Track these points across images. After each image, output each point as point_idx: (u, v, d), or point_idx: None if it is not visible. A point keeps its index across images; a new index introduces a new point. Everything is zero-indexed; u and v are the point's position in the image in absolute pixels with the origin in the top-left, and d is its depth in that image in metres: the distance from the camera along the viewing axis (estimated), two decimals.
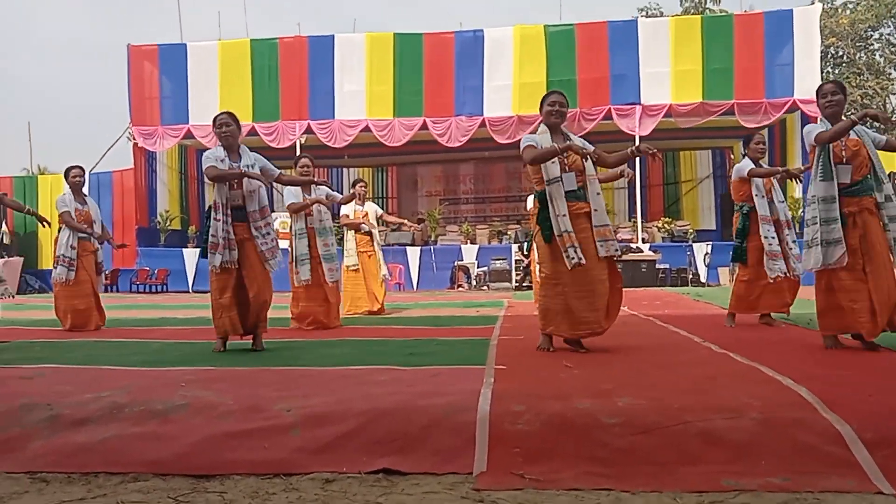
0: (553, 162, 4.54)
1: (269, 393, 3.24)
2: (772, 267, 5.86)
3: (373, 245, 8.37)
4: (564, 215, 4.48)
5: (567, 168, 4.56)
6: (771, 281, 5.90)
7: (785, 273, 5.88)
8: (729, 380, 3.45)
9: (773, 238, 5.89)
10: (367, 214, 8.43)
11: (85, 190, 7.38)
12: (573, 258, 4.41)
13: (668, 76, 16.27)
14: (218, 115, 5.08)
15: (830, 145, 4.36)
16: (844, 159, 4.37)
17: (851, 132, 4.39)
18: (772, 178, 6.08)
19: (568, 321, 4.56)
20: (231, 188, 4.99)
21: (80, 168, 7.18)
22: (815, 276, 4.52)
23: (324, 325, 6.66)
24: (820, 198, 4.36)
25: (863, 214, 4.34)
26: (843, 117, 4.48)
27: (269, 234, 5.08)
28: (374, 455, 2.67)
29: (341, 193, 8.53)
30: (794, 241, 6.02)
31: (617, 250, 4.61)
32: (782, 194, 6.18)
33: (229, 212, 4.97)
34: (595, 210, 4.58)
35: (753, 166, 6.04)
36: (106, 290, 16.20)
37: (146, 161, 18.36)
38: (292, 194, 6.77)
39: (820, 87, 4.61)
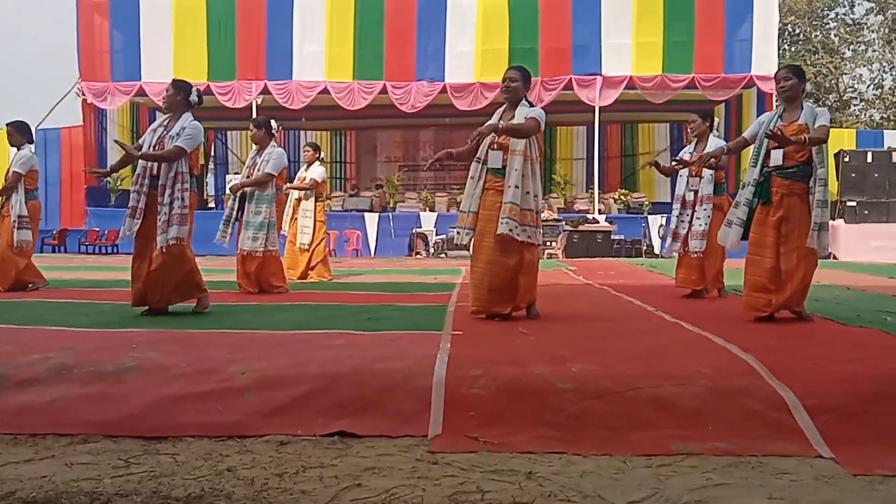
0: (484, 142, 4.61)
1: (222, 355, 3.21)
2: (669, 245, 6.37)
3: (297, 211, 8.01)
4: (472, 196, 4.56)
5: (495, 146, 4.56)
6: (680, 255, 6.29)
7: (687, 251, 6.18)
8: (680, 348, 3.54)
9: (675, 217, 6.31)
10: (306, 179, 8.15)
11: (30, 147, 6.95)
12: (460, 236, 4.57)
13: (629, 48, 16.32)
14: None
15: (768, 129, 4.47)
16: (778, 144, 4.46)
17: (802, 117, 4.48)
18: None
19: (474, 294, 4.61)
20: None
21: (9, 125, 6.75)
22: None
23: (245, 290, 6.46)
24: (746, 182, 4.58)
25: (791, 197, 4.46)
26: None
27: (167, 205, 4.67)
28: (329, 418, 2.67)
29: (299, 157, 8.34)
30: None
31: (510, 230, 4.32)
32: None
33: (146, 181, 4.78)
34: (507, 186, 4.40)
35: (686, 151, 6.38)
36: (53, 251, 15.81)
37: (96, 118, 17.77)
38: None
39: (776, 72, 4.72)
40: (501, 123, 4.48)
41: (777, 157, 4.46)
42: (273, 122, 6.87)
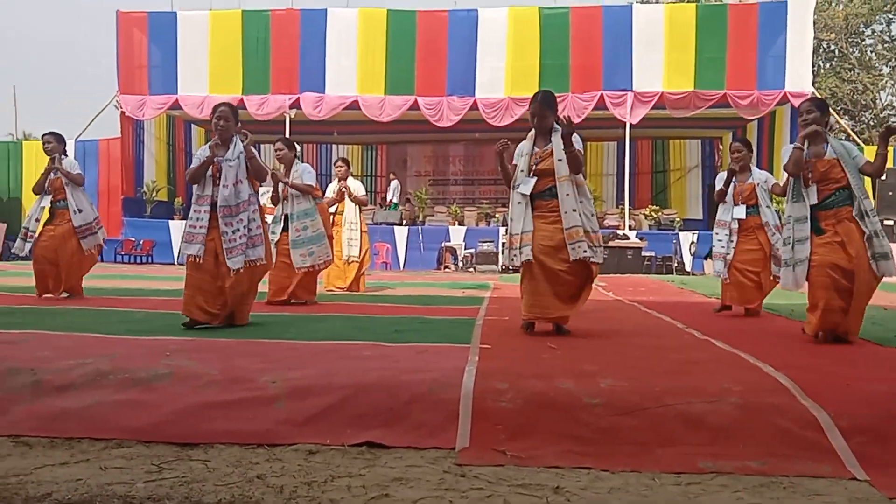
0: (521, 170, 4.65)
1: (254, 364, 3.25)
2: (714, 267, 6.32)
3: (342, 224, 8.14)
4: (523, 217, 4.56)
5: (532, 173, 4.61)
6: (723, 280, 6.23)
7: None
8: (710, 365, 3.50)
9: (719, 241, 6.26)
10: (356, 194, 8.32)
11: (70, 155, 7.19)
12: (516, 258, 4.55)
13: (660, 63, 16.23)
14: (219, 105, 4.97)
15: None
16: (810, 181, 4.45)
17: (829, 151, 4.44)
18: (753, 185, 6.17)
19: (527, 302, 4.62)
20: (214, 184, 4.84)
21: (51, 134, 6.97)
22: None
23: (285, 301, 6.60)
24: (794, 218, 4.48)
25: (842, 224, 4.37)
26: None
27: (238, 230, 4.80)
28: (358, 428, 2.69)
29: (330, 171, 8.46)
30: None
31: (585, 252, 4.45)
32: (769, 199, 6.23)
33: (208, 207, 4.84)
34: (564, 212, 4.51)
35: (724, 179, 6.25)
36: None
37: (133, 130, 18.14)
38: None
39: (800, 104, 4.69)
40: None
41: (811, 194, 4.42)
42: (296, 145, 7.08)
